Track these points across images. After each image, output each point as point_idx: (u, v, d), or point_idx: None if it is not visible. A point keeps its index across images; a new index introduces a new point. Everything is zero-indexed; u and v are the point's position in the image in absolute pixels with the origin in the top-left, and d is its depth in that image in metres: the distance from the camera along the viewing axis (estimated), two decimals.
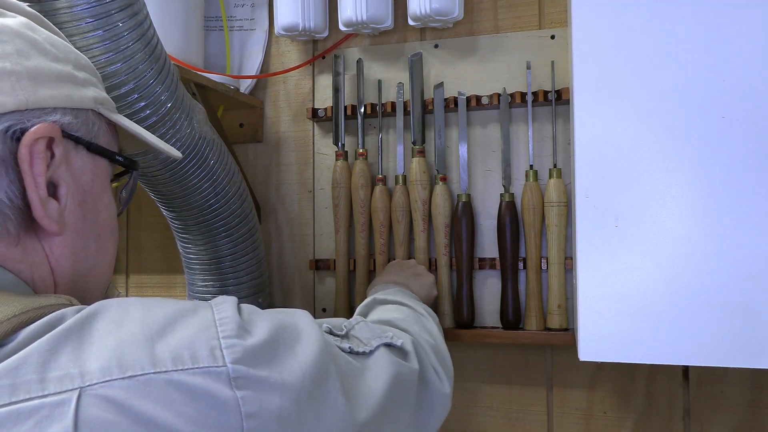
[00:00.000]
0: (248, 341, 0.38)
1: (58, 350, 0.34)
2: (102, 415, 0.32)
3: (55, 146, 0.41)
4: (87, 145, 0.44)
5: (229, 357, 0.36)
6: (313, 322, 0.46)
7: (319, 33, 1.07)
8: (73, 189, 0.43)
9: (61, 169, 0.42)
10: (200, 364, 0.36)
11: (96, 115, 0.46)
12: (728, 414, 0.93)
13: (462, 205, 0.98)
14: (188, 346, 0.36)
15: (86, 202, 0.45)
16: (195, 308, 0.39)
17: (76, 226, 0.44)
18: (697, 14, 0.69)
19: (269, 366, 0.38)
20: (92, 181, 0.45)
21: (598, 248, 0.71)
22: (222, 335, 0.37)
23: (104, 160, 0.47)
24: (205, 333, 0.37)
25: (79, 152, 0.44)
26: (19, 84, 0.40)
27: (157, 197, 0.87)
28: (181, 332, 0.37)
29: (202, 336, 0.37)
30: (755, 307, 0.66)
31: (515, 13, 1.02)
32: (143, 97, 0.70)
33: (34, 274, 0.42)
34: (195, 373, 0.35)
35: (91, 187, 0.45)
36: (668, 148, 0.69)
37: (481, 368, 1.03)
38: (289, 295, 1.12)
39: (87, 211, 0.45)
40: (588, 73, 0.72)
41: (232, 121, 1.14)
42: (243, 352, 0.37)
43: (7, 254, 0.40)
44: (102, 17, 0.63)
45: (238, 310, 0.41)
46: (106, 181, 0.47)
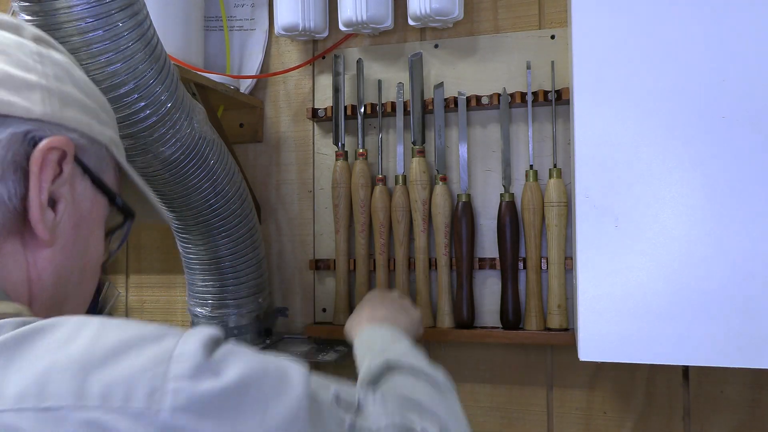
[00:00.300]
0: (203, 386, 0.31)
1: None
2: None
3: (65, 163, 0.42)
4: (93, 177, 0.45)
5: (171, 402, 0.30)
6: (308, 377, 0.37)
7: (319, 33, 1.07)
8: (71, 210, 0.43)
9: (65, 188, 0.42)
10: (132, 404, 0.30)
11: (108, 154, 0.47)
12: (728, 414, 0.93)
13: (462, 205, 0.98)
14: (126, 380, 0.31)
15: (81, 227, 0.44)
16: (160, 336, 0.34)
17: (66, 244, 0.43)
18: (696, 14, 0.69)
19: (220, 419, 0.31)
20: (89, 210, 0.45)
21: (598, 248, 0.71)
22: (172, 374, 0.31)
23: (104, 198, 0.47)
24: (153, 369, 0.31)
25: (84, 181, 0.44)
26: (48, 99, 0.41)
27: (157, 197, 0.87)
28: (126, 363, 0.31)
29: (149, 372, 0.31)
30: (755, 307, 0.66)
31: (515, 13, 1.02)
32: (143, 97, 0.70)
33: (6, 279, 0.40)
34: (122, 414, 0.30)
35: (88, 216, 0.45)
36: (668, 148, 0.69)
37: (481, 368, 1.03)
38: (289, 295, 1.12)
39: (79, 237, 0.44)
40: (588, 73, 0.72)
41: (232, 121, 1.14)
42: (190, 398, 0.31)
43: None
44: (102, 17, 0.63)
45: (213, 344, 0.35)
46: (101, 218, 0.47)
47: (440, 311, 0.99)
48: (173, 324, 1.17)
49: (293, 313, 1.12)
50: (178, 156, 0.79)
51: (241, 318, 0.99)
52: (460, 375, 1.04)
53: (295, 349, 1.02)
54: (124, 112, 0.70)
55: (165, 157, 0.78)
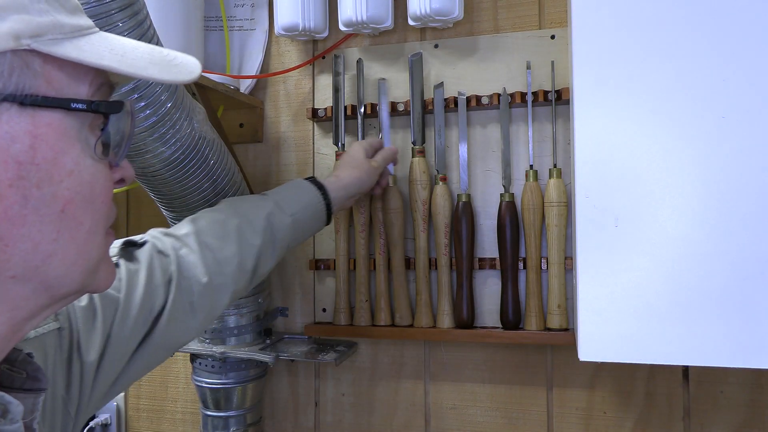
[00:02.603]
0: None
1: None
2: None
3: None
4: (12, 99, 0.34)
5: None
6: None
7: (319, 33, 1.07)
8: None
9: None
10: None
11: (24, 55, 0.34)
12: (728, 414, 0.93)
13: (462, 205, 0.98)
14: None
15: (26, 178, 0.34)
16: None
17: (10, 212, 0.34)
18: (696, 14, 0.69)
19: None
20: (32, 147, 0.34)
21: (598, 248, 0.71)
22: None
23: (56, 112, 0.36)
24: None
25: (2, 113, 0.34)
26: None
27: (157, 197, 0.87)
28: None
29: None
30: (755, 307, 0.66)
31: (515, 13, 1.02)
32: (143, 97, 0.70)
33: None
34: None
35: (32, 157, 0.34)
36: (668, 148, 0.69)
37: (481, 368, 1.03)
38: (289, 295, 1.12)
39: (29, 189, 0.35)
40: (588, 73, 0.72)
41: (232, 121, 1.14)
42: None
43: None
44: (102, 17, 0.63)
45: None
46: (62, 139, 0.36)
47: (440, 311, 0.99)
48: None
49: (293, 313, 1.12)
50: (178, 156, 0.79)
51: (241, 318, 0.99)
52: (460, 375, 1.04)
53: (295, 349, 1.02)
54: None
55: (165, 157, 0.78)
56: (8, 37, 0.33)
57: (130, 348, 0.61)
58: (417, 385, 1.06)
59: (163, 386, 1.20)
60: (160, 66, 0.40)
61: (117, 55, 0.39)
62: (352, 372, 1.09)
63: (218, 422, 1.00)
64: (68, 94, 0.37)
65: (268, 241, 0.76)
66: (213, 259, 0.70)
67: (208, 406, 1.00)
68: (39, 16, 0.35)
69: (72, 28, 0.37)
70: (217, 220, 0.74)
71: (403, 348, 1.07)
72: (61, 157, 0.36)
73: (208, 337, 0.98)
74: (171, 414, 1.19)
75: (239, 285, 0.73)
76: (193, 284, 0.67)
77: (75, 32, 0.37)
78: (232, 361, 0.98)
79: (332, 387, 1.10)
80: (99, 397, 0.58)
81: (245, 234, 0.74)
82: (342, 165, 0.91)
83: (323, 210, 0.84)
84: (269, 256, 0.77)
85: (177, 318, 0.65)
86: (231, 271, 0.71)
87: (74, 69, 0.37)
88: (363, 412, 1.09)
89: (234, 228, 0.73)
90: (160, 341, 0.64)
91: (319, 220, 0.85)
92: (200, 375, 0.99)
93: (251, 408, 1.02)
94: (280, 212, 0.79)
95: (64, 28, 0.36)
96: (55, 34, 0.36)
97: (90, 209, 0.38)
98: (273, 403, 1.13)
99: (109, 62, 0.38)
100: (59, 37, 0.36)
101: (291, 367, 1.13)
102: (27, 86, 0.34)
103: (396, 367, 1.07)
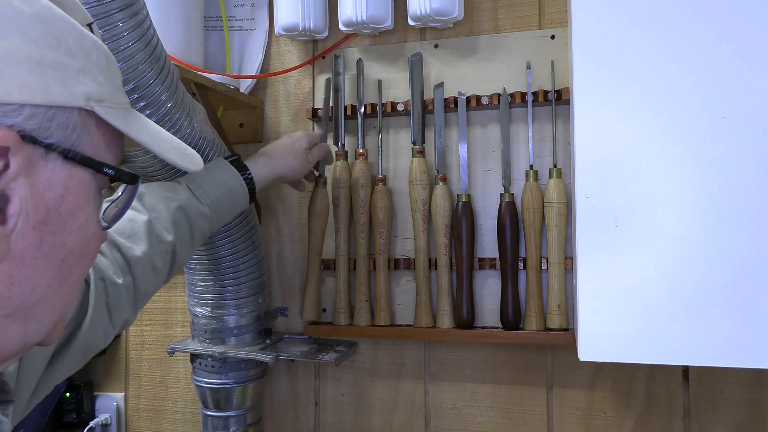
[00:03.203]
0: None
1: None
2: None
3: (11, 154, 0.33)
4: (63, 153, 0.36)
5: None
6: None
7: (319, 33, 1.07)
8: (30, 207, 0.35)
9: (17, 182, 0.34)
10: None
11: (86, 115, 0.38)
12: (728, 414, 0.93)
13: (462, 205, 0.98)
14: None
15: (47, 224, 0.36)
16: None
17: (24, 252, 0.35)
18: (696, 14, 0.69)
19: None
20: (62, 197, 0.37)
21: (598, 248, 0.71)
22: None
23: (87, 171, 0.38)
24: None
25: (49, 161, 0.36)
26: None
27: None
28: None
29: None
30: (755, 307, 0.66)
31: (515, 13, 1.02)
32: (143, 97, 0.70)
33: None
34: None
35: (59, 205, 0.37)
36: (668, 148, 0.69)
37: (481, 368, 1.03)
38: (289, 295, 1.12)
39: (46, 234, 0.36)
40: (588, 73, 0.72)
41: (232, 121, 1.14)
42: None
43: None
44: (102, 17, 0.63)
45: None
46: (84, 196, 0.39)
47: (440, 311, 0.99)
48: (173, 324, 1.17)
49: (293, 313, 1.12)
50: None
51: (241, 318, 0.99)
52: (460, 375, 1.04)
53: (295, 349, 1.02)
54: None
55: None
56: (81, 97, 0.37)
57: (48, 356, 0.58)
58: (417, 385, 1.06)
59: (163, 386, 1.20)
60: (177, 152, 0.46)
61: (152, 135, 0.43)
62: (352, 372, 1.09)
63: (218, 422, 1.00)
64: (101, 158, 0.39)
65: (184, 234, 0.74)
66: (122, 258, 0.67)
67: (208, 406, 1.00)
68: (104, 85, 0.39)
69: (122, 102, 0.42)
70: (126, 216, 0.68)
71: (403, 348, 1.07)
72: (79, 212, 0.38)
73: (208, 337, 0.98)
74: (171, 414, 1.19)
75: (152, 284, 0.70)
76: (107, 285, 0.65)
77: (123, 106, 0.42)
78: (232, 361, 0.98)
79: (332, 387, 1.10)
80: (20, 411, 0.56)
81: (155, 232, 0.71)
82: (279, 148, 0.91)
83: (245, 193, 0.83)
84: (186, 249, 0.75)
85: (95, 321, 0.62)
86: (140, 271, 0.68)
87: (111, 138, 0.41)
88: (363, 412, 1.09)
89: (143, 226, 0.70)
90: (79, 345, 0.61)
91: (240, 204, 0.83)
92: (200, 375, 0.99)
93: (251, 408, 1.02)
94: (197, 203, 0.76)
95: (118, 101, 0.41)
96: (111, 103, 0.40)
97: (81, 263, 0.40)
98: (273, 403, 1.13)
99: (146, 139, 0.42)
100: (114, 107, 0.40)
101: (291, 367, 1.13)
102: (79, 144, 0.37)
103: (396, 367, 1.07)
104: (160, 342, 1.18)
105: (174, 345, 1.01)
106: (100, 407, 1.20)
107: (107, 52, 0.41)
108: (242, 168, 0.83)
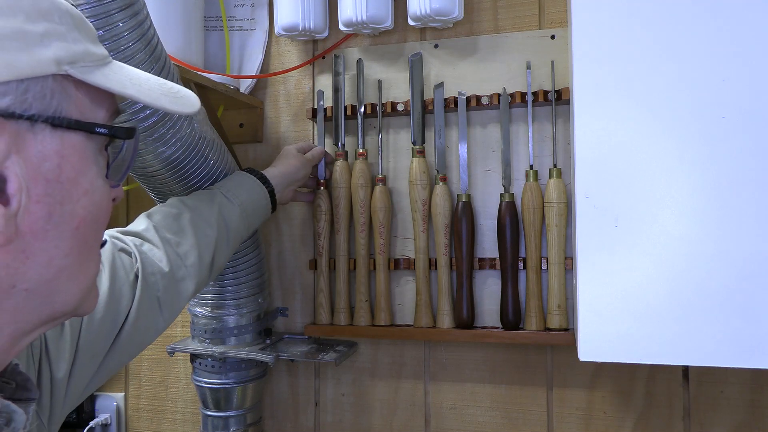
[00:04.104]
0: None
1: None
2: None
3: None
4: (49, 121, 0.35)
5: None
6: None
7: (319, 33, 1.07)
8: (30, 183, 0.35)
9: (10, 161, 0.33)
10: None
11: (62, 79, 0.36)
12: (728, 414, 0.93)
13: (462, 205, 0.98)
14: None
15: (52, 195, 0.36)
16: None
17: (34, 227, 0.35)
18: (696, 14, 0.69)
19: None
20: (59, 166, 0.36)
21: (598, 248, 0.71)
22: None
23: (80, 134, 0.37)
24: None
25: (38, 133, 0.35)
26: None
27: (157, 197, 0.87)
28: None
29: None
30: (755, 307, 0.66)
31: (515, 13, 1.02)
32: None
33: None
34: None
35: (58, 175, 0.36)
36: (668, 148, 0.69)
37: (481, 368, 1.03)
38: (289, 295, 1.12)
39: (54, 205, 0.36)
40: (588, 73, 0.72)
41: (232, 121, 1.14)
42: None
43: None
44: (102, 17, 0.63)
45: None
46: (83, 160, 0.38)
47: (440, 311, 0.99)
48: (173, 324, 1.17)
49: (293, 313, 1.12)
50: (179, 156, 0.79)
51: (241, 318, 0.99)
52: (460, 375, 1.04)
53: (295, 349, 1.02)
54: (124, 112, 0.70)
55: (165, 157, 0.78)
56: (52, 62, 0.35)
57: (100, 354, 0.60)
58: (417, 385, 1.06)
59: (163, 386, 1.20)
60: (169, 97, 0.43)
61: (136, 85, 0.41)
62: (352, 372, 1.09)
63: (218, 422, 1.00)
64: (91, 119, 0.39)
65: (222, 231, 0.79)
66: (174, 253, 0.71)
67: (208, 406, 1.00)
68: (74, 44, 0.37)
69: (98, 56, 0.40)
70: (170, 214, 0.75)
71: (403, 348, 1.07)
72: (81, 177, 0.38)
73: (208, 337, 0.98)
74: (171, 414, 1.19)
75: (200, 278, 0.74)
76: (159, 279, 0.68)
77: (100, 61, 0.40)
78: (232, 361, 0.98)
79: (332, 387, 1.10)
80: (71, 403, 0.58)
81: (200, 226, 0.75)
82: (276, 160, 0.97)
83: (267, 197, 0.88)
84: (224, 247, 0.79)
85: (145, 315, 0.65)
86: (191, 263, 0.73)
87: (96, 95, 0.39)
88: (363, 412, 1.09)
89: (188, 222, 0.75)
90: (129, 341, 0.63)
91: (265, 208, 0.89)
92: (200, 375, 0.99)
93: (251, 408, 1.02)
94: (229, 203, 0.81)
95: (93, 57, 0.39)
96: (86, 62, 0.38)
97: (95, 228, 0.40)
98: (273, 403, 1.13)
99: (131, 91, 0.40)
100: (90, 65, 0.38)
101: (291, 367, 1.13)
102: (62, 109, 0.36)
103: (396, 367, 1.07)
104: (160, 342, 1.18)
105: (174, 345, 1.01)
106: (100, 407, 1.20)
107: (71, 9, 0.39)
108: (260, 176, 0.89)
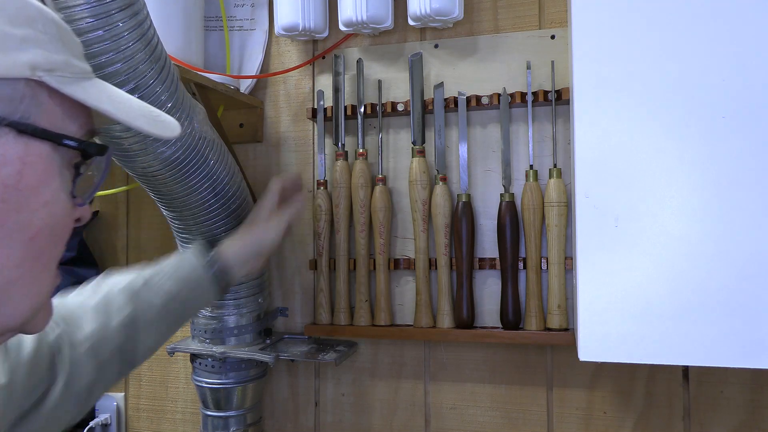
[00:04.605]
0: None
1: None
2: None
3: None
4: (13, 126, 0.35)
5: None
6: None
7: (319, 33, 1.07)
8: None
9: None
10: None
11: (35, 85, 0.36)
12: (728, 414, 0.93)
13: (462, 205, 0.98)
14: None
15: (6, 201, 0.35)
16: None
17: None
18: (697, 14, 0.69)
19: None
20: (19, 173, 0.35)
21: (598, 248, 0.71)
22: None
23: (46, 144, 0.37)
24: None
25: (1, 137, 0.35)
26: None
27: (157, 197, 0.87)
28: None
29: None
30: (755, 307, 0.66)
31: (515, 13, 1.02)
32: (143, 97, 0.70)
33: None
34: None
35: (17, 182, 0.35)
36: (668, 148, 0.69)
37: (481, 368, 1.03)
38: (289, 295, 1.12)
39: (8, 212, 0.35)
40: (588, 73, 0.72)
41: (232, 121, 1.14)
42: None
43: None
44: (102, 17, 0.63)
45: None
46: (47, 171, 0.37)
47: (440, 311, 0.99)
48: None
49: (293, 313, 1.12)
50: (179, 156, 0.79)
51: (241, 318, 0.99)
52: (460, 375, 1.04)
53: (295, 349, 1.02)
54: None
55: (165, 157, 0.78)
56: (26, 66, 0.35)
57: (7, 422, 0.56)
58: (417, 385, 1.06)
59: (163, 386, 1.20)
60: (147, 119, 0.44)
61: (114, 102, 0.41)
62: (352, 372, 1.09)
63: (218, 422, 1.00)
64: (60, 130, 0.38)
65: (130, 338, 0.70)
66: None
67: (208, 406, 1.00)
68: (54, 53, 0.38)
69: (79, 70, 0.40)
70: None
71: (403, 348, 1.07)
72: (42, 188, 0.37)
73: (208, 337, 0.98)
74: (171, 414, 1.19)
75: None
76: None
77: (81, 74, 0.40)
78: (232, 361, 0.98)
79: (332, 387, 1.10)
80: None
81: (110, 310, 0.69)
82: (245, 223, 0.87)
83: (208, 282, 0.78)
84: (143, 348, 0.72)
85: (68, 394, 0.61)
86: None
87: (70, 108, 0.39)
88: (363, 412, 1.09)
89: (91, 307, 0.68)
90: (44, 416, 0.59)
91: (205, 294, 0.78)
92: (200, 375, 0.99)
93: (251, 408, 1.02)
94: (149, 298, 0.73)
95: (73, 69, 0.39)
96: (64, 72, 0.38)
97: (52, 242, 0.39)
98: (273, 403, 1.13)
99: (107, 107, 0.40)
100: (68, 77, 0.38)
101: (291, 367, 1.13)
102: (30, 115, 0.36)
103: (396, 367, 1.07)
104: None
105: (174, 345, 1.01)
106: (100, 407, 1.20)
107: (59, 21, 0.39)
108: (209, 259, 0.79)
